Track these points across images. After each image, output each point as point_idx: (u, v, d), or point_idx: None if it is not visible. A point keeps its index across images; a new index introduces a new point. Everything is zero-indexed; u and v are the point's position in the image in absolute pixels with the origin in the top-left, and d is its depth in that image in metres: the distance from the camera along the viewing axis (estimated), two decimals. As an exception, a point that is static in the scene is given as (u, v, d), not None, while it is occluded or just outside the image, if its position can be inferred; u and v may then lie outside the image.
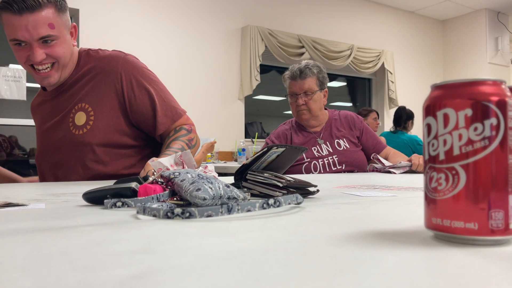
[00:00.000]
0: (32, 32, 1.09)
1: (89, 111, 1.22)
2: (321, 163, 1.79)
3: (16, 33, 1.09)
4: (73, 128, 1.22)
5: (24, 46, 1.12)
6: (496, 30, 5.65)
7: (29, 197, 0.76)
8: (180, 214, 0.49)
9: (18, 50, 1.13)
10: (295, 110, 1.90)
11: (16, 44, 1.12)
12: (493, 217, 0.34)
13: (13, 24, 1.08)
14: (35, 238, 0.39)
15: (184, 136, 1.23)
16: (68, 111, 1.23)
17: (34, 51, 1.11)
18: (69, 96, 1.24)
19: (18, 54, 1.13)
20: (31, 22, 1.08)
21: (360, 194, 0.78)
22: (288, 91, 1.93)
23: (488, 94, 0.35)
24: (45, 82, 1.19)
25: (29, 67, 1.16)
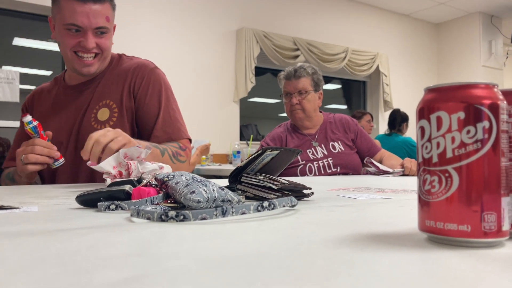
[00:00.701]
0: (92, 20, 1.15)
1: (113, 108, 1.26)
2: (316, 166, 1.80)
3: (76, 19, 1.14)
4: (95, 123, 1.25)
5: (77, 32, 1.16)
6: (490, 34, 5.70)
7: (22, 200, 0.75)
8: (174, 217, 0.48)
9: (69, 35, 1.17)
10: (289, 109, 1.91)
11: (69, 29, 1.16)
12: (486, 219, 0.34)
13: (74, 9, 1.13)
14: (28, 241, 0.39)
15: (174, 147, 1.22)
16: (92, 106, 1.26)
17: (88, 39, 1.17)
18: (94, 91, 1.28)
19: (68, 39, 1.17)
20: (92, 11, 1.15)
21: (355, 196, 0.79)
22: (283, 91, 1.94)
23: (481, 97, 0.35)
24: (85, 70, 1.22)
25: (73, 53, 1.19)
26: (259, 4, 4.56)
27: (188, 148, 1.31)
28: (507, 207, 0.35)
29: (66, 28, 1.16)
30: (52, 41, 3.80)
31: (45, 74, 5.09)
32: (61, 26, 1.17)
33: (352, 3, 5.27)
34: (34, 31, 3.79)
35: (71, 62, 1.22)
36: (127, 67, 1.31)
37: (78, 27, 1.15)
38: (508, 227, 0.35)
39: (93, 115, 1.26)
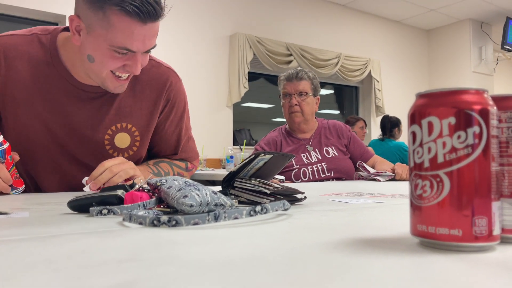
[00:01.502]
0: (146, 44, 0.95)
1: (135, 135, 1.12)
2: (310, 170, 1.81)
3: (132, 43, 0.92)
4: (111, 149, 1.09)
5: (124, 55, 0.95)
6: (480, 40, 5.77)
7: (13, 205, 0.75)
8: (166, 222, 0.48)
9: (114, 57, 0.95)
10: (287, 111, 1.92)
11: (117, 52, 0.94)
12: (476, 223, 0.34)
13: (132, 32, 0.91)
14: (19, 247, 0.39)
15: (179, 167, 1.20)
16: (108, 124, 1.08)
17: (137, 63, 0.96)
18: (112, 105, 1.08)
19: (111, 60, 0.95)
20: (149, 33, 0.94)
21: (347, 201, 0.79)
22: (282, 91, 1.95)
23: (471, 103, 0.35)
24: (118, 89, 1.03)
25: (109, 72, 0.98)
26: (252, 9, 4.57)
27: (195, 166, 1.29)
28: (498, 212, 0.35)
29: (113, 50, 0.94)
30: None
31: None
32: (105, 45, 0.93)
33: (345, 10, 5.31)
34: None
35: (102, 79, 1.00)
36: (154, 77, 1.13)
37: (131, 51, 0.94)
38: (499, 231, 0.36)
39: (108, 136, 1.09)
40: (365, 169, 1.68)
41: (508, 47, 5.44)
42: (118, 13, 0.89)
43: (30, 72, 1.02)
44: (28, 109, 1.03)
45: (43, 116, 1.04)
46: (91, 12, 0.91)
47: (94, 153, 1.09)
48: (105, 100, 1.08)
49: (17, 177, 1.00)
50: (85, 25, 0.94)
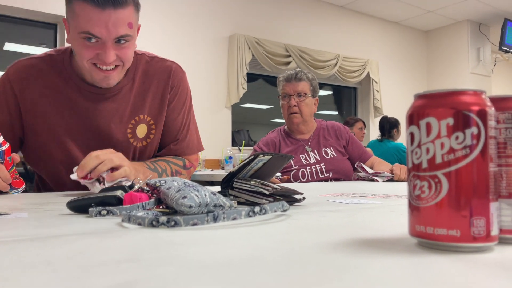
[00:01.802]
0: (112, 30, 0.98)
1: (151, 124, 1.20)
2: (309, 171, 1.81)
3: (93, 28, 0.96)
4: (133, 139, 1.18)
5: (94, 42, 0.99)
6: (478, 41, 5.78)
7: (11, 206, 0.75)
8: (165, 223, 0.48)
9: (85, 46, 1.00)
10: (286, 112, 1.92)
11: (85, 38, 0.99)
12: (475, 224, 0.35)
13: (90, 17, 0.96)
14: (18, 248, 0.39)
15: (176, 165, 1.22)
16: (128, 118, 1.16)
17: (107, 52, 1.00)
18: (129, 101, 1.16)
19: (84, 50, 1.00)
20: (112, 19, 0.97)
21: (346, 201, 0.79)
22: (281, 92, 1.95)
23: (469, 104, 0.36)
24: (104, 83, 1.07)
25: (90, 64, 1.03)
26: (251, 10, 4.58)
27: (194, 165, 1.29)
28: (496, 212, 0.36)
29: (81, 37, 0.99)
30: (43, 46, 3.78)
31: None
32: (75, 34, 1.00)
33: (343, 11, 5.32)
34: (25, 36, 3.76)
35: (88, 72, 1.06)
36: (159, 70, 1.20)
37: (96, 37, 0.98)
38: (497, 232, 0.36)
39: (129, 130, 1.17)
40: (363, 170, 1.68)
41: (506, 48, 5.45)
42: (78, 2, 0.97)
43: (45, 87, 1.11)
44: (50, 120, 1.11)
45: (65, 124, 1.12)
46: (67, 9, 1.01)
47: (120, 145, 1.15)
48: (121, 97, 1.15)
49: (17, 178, 1.01)
50: (67, 24, 1.03)
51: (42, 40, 3.81)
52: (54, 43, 3.59)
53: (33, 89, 1.11)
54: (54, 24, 3.58)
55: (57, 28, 3.59)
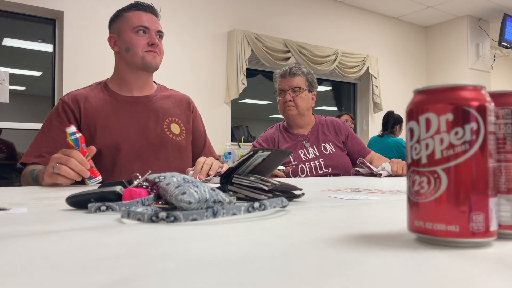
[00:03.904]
0: (154, 24, 1.45)
1: (181, 126, 1.55)
2: (308, 166, 1.81)
3: (144, 22, 1.42)
4: (170, 134, 1.50)
5: (144, 34, 1.43)
6: (477, 37, 5.77)
7: (11, 201, 0.75)
8: (164, 218, 0.48)
9: (139, 37, 1.42)
10: (282, 107, 1.93)
11: (138, 31, 1.42)
12: (474, 219, 0.35)
13: (141, 16, 1.43)
14: (16, 243, 0.39)
15: None
16: (162, 119, 1.50)
17: (154, 37, 1.43)
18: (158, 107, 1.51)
19: (139, 39, 1.42)
20: (152, 18, 1.46)
21: (345, 197, 0.79)
22: (277, 88, 1.95)
23: (469, 99, 0.36)
24: (153, 61, 1.44)
25: (144, 53, 1.42)
26: (250, 6, 4.56)
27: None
28: (495, 208, 0.36)
29: (136, 31, 1.41)
30: (42, 42, 3.76)
31: (34, 74, 5.03)
32: (129, 32, 1.41)
33: (342, 6, 5.30)
34: (24, 31, 3.75)
35: (142, 58, 1.42)
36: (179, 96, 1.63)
37: (145, 27, 1.42)
38: (495, 227, 0.36)
39: (165, 127, 1.49)
40: (365, 165, 1.68)
41: (506, 44, 5.44)
42: (129, 11, 1.45)
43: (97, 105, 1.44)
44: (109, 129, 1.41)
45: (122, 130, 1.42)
46: (116, 23, 1.47)
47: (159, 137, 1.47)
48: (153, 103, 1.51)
49: (93, 167, 1.12)
50: (116, 34, 1.46)
51: (41, 35, 3.79)
52: (53, 39, 3.58)
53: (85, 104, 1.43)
54: (53, 20, 3.57)
55: (56, 23, 3.57)
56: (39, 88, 4.92)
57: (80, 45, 3.46)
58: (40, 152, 1.33)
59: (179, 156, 1.51)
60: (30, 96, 5.43)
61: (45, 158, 1.31)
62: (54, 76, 3.57)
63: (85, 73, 3.39)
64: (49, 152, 1.32)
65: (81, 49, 3.46)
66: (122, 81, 1.49)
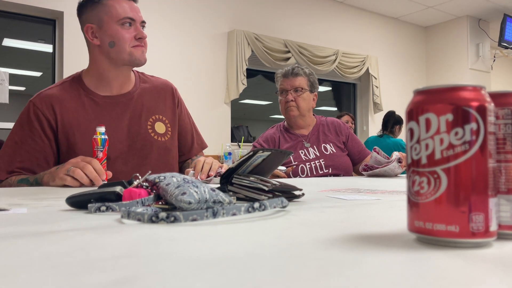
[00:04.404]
0: (138, 14, 1.32)
1: (167, 123, 1.45)
2: (308, 167, 1.81)
3: (129, 12, 1.28)
4: (155, 135, 1.40)
5: (129, 27, 1.29)
6: (477, 37, 5.77)
7: (11, 201, 0.75)
8: (164, 219, 0.48)
9: (126, 30, 1.28)
10: (283, 107, 1.93)
11: (124, 24, 1.28)
12: (473, 220, 0.35)
13: (124, 5, 1.28)
14: (16, 243, 0.39)
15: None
16: (145, 118, 1.39)
17: (139, 28, 1.31)
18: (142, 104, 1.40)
19: (126, 33, 1.28)
20: (135, 7, 1.32)
21: (345, 197, 0.79)
22: (279, 88, 1.96)
23: (469, 99, 0.36)
24: (142, 57, 1.32)
25: (131, 48, 1.29)
26: (250, 6, 4.56)
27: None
28: (495, 208, 0.36)
29: (120, 23, 1.27)
30: (42, 42, 3.76)
31: (34, 75, 5.03)
32: (113, 23, 1.27)
33: (342, 6, 5.31)
34: (24, 32, 3.75)
35: (130, 54, 1.29)
36: (161, 85, 1.48)
37: (131, 19, 1.28)
38: (495, 227, 0.36)
39: (149, 127, 1.39)
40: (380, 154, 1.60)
41: (505, 44, 5.44)
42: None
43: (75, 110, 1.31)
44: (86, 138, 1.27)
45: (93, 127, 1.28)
46: (95, 11, 1.28)
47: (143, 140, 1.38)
48: (134, 101, 1.39)
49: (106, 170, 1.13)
50: (95, 25, 1.29)
51: (41, 35, 3.80)
52: (53, 39, 3.58)
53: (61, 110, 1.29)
54: (53, 20, 3.57)
55: (56, 23, 3.57)
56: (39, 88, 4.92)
57: (80, 46, 3.45)
58: (12, 167, 1.22)
59: (165, 159, 1.42)
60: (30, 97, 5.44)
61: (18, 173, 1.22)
62: (54, 76, 3.57)
63: (85, 73, 3.39)
64: (22, 168, 1.23)
65: (81, 49, 3.45)
66: (101, 77, 1.34)
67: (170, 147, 1.44)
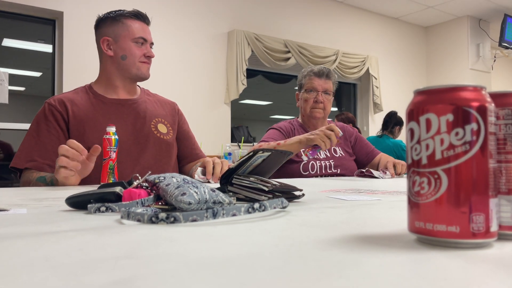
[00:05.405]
0: (150, 37, 1.52)
1: (168, 126, 1.58)
2: (318, 164, 1.85)
3: (145, 34, 1.49)
4: (158, 133, 1.53)
5: (141, 45, 1.47)
6: (478, 37, 5.77)
7: (10, 202, 0.75)
8: (164, 219, 0.48)
9: (138, 47, 1.47)
10: (310, 105, 1.93)
11: (137, 42, 1.46)
12: (474, 220, 0.35)
13: (143, 28, 1.49)
14: (16, 244, 0.38)
15: None
16: (149, 119, 1.53)
17: (149, 48, 1.50)
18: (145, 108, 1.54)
19: (137, 50, 1.46)
20: (148, 30, 1.52)
21: (345, 198, 0.79)
22: (307, 86, 1.95)
23: (469, 99, 0.35)
24: (147, 72, 1.50)
25: (140, 63, 1.47)
26: (250, 6, 4.56)
27: None
28: (495, 208, 0.36)
29: (135, 41, 1.46)
30: (42, 42, 3.76)
31: (34, 75, 5.04)
32: (129, 40, 1.46)
33: (343, 6, 5.31)
34: (24, 32, 3.75)
35: (138, 69, 1.47)
36: (163, 100, 1.66)
37: (144, 40, 1.48)
38: (496, 228, 0.36)
39: (152, 127, 1.52)
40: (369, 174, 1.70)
41: (506, 44, 5.44)
42: (130, 19, 1.48)
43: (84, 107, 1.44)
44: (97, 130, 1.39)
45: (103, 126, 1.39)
46: (113, 26, 1.47)
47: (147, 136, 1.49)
48: (139, 105, 1.53)
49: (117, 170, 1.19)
50: (111, 38, 1.47)
51: (40, 36, 3.80)
52: (53, 39, 3.58)
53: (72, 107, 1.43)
54: (53, 20, 3.57)
55: (56, 24, 3.57)
56: (39, 88, 4.92)
57: (80, 46, 3.46)
58: (31, 156, 1.33)
59: (168, 153, 1.53)
60: (30, 97, 5.43)
61: (37, 163, 1.32)
62: (54, 76, 3.57)
63: (84, 73, 3.39)
64: (41, 156, 1.33)
65: (81, 49, 3.46)
66: (110, 85, 1.50)
67: (172, 143, 1.55)
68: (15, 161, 1.33)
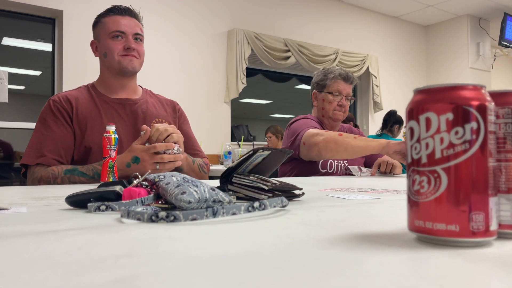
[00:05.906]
0: (131, 28, 1.45)
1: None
2: (336, 164, 1.89)
3: (120, 26, 1.43)
4: None
5: (120, 39, 1.44)
6: (478, 36, 5.77)
7: (10, 200, 0.75)
8: (164, 218, 0.48)
9: (115, 42, 1.43)
10: (333, 108, 1.96)
11: (115, 37, 1.43)
12: (474, 219, 0.35)
13: (118, 21, 1.44)
14: (16, 243, 0.38)
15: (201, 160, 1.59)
16: (149, 119, 1.53)
17: (130, 40, 1.44)
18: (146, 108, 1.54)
19: (115, 44, 1.43)
20: (129, 22, 1.46)
21: (345, 197, 0.79)
22: (334, 89, 1.97)
23: (469, 98, 0.35)
24: (130, 65, 1.45)
25: (120, 56, 1.44)
26: (250, 5, 4.56)
27: (209, 164, 1.64)
28: (495, 207, 0.36)
29: (112, 36, 1.43)
30: (41, 41, 3.76)
31: (34, 74, 5.03)
32: (106, 37, 1.44)
33: (342, 5, 5.30)
34: (24, 31, 3.75)
35: (119, 63, 1.44)
36: (164, 100, 1.65)
37: (121, 32, 1.43)
38: (495, 226, 0.36)
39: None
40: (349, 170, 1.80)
41: (506, 43, 5.44)
42: (107, 16, 1.46)
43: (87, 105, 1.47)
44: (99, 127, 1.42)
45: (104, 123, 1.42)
46: (96, 28, 1.48)
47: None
48: (139, 106, 1.54)
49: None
50: (96, 40, 1.49)
51: (40, 35, 3.80)
52: (53, 38, 3.58)
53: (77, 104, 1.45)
54: (53, 19, 3.57)
55: (55, 22, 3.57)
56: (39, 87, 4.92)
57: (80, 44, 3.46)
58: (41, 151, 1.35)
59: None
60: (30, 96, 5.43)
61: (47, 157, 1.34)
62: (54, 75, 3.57)
63: (84, 72, 3.39)
64: (51, 150, 1.35)
65: (80, 48, 3.45)
66: (107, 84, 1.52)
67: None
68: (26, 158, 1.35)
